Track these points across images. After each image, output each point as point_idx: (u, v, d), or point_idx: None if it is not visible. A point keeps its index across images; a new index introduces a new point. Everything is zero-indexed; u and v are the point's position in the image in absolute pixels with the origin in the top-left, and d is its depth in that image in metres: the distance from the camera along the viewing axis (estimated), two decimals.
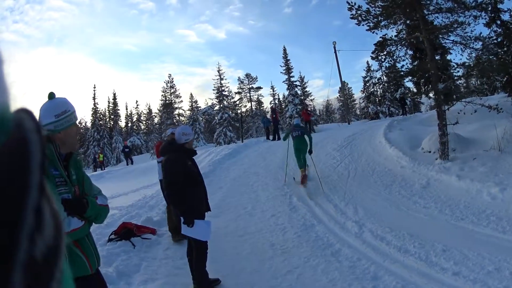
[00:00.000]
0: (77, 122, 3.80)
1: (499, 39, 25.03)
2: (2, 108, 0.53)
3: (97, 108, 62.75)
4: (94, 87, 62.60)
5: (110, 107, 65.37)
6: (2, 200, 0.49)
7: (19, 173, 0.51)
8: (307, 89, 61.42)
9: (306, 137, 15.42)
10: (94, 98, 61.88)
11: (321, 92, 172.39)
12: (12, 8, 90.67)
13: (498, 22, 25.59)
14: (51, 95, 3.70)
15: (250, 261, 8.54)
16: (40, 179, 0.53)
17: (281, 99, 65.49)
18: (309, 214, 11.46)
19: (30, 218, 0.50)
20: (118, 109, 66.18)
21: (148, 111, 70.55)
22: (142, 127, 69.10)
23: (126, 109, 70.59)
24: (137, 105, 74.57)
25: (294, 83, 51.87)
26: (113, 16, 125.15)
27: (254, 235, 10.23)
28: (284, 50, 53.71)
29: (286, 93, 51.37)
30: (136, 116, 69.76)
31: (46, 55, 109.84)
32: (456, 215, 10.08)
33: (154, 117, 69.43)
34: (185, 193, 6.80)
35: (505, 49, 25.07)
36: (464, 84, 37.81)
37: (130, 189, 17.80)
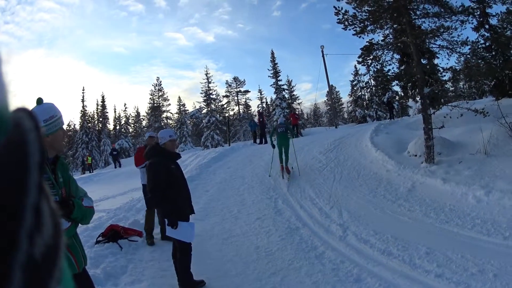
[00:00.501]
0: (63, 126, 3.84)
1: (487, 44, 25.23)
2: (0, 107, 0.52)
3: (86, 110, 62.47)
4: (83, 90, 61.87)
5: (99, 110, 64.95)
6: (1, 199, 0.49)
7: (17, 172, 0.51)
8: (294, 93, 61.30)
9: (289, 132, 16.73)
10: (83, 101, 61.56)
11: (309, 96, 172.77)
12: (4, 9, 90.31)
13: (487, 26, 25.78)
14: (39, 101, 3.74)
15: (234, 263, 8.54)
16: (39, 179, 0.54)
17: (268, 102, 65.62)
18: (294, 217, 11.49)
19: (29, 218, 0.50)
20: (107, 112, 65.78)
21: (136, 114, 70.42)
22: (130, 130, 68.70)
23: (115, 111, 70.10)
24: (126, 108, 73.76)
25: (282, 86, 51.71)
26: (103, 18, 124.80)
27: (239, 238, 10.26)
28: (272, 53, 53.53)
29: (274, 96, 51.37)
30: (125, 119, 69.36)
31: (37, 56, 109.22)
32: (440, 218, 10.12)
33: (142, 120, 69.27)
34: (168, 196, 6.86)
35: (493, 53, 25.27)
36: (452, 88, 37.99)
37: (118, 192, 17.75)
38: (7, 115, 0.53)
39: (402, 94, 23.76)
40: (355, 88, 53.26)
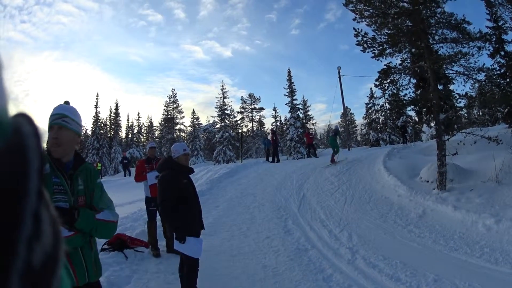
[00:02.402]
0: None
1: (502, 70, 25.14)
2: (0, 113, 0.52)
3: (99, 116, 62.17)
4: (97, 96, 61.92)
5: (112, 117, 64.84)
6: (0, 206, 0.48)
7: (17, 178, 0.51)
8: (309, 113, 61.45)
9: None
10: (96, 107, 61.33)
11: (323, 116, 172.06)
12: (21, 8, 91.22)
13: (502, 53, 25.71)
14: (67, 103, 3.77)
15: (241, 281, 8.51)
16: (39, 185, 0.53)
17: (282, 121, 65.59)
18: (303, 238, 11.41)
19: (28, 225, 0.50)
20: (120, 120, 65.55)
21: (149, 124, 70.34)
22: (142, 139, 68.60)
23: (128, 120, 69.86)
24: (139, 117, 73.64)
25: (297, 106, 51.52)
26: (121, 26, 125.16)
27: (247, 256, 10.19)
28: (289, 72, 53.35)
29: (288, 115, 51.14)
30: (137, 128, 69.40)
31: (52, 59, 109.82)
32: (450, 246, 10.05)
33: (155, 130, 69.29)
34: (178, 210, 6.84)
35: (508, 80, 25.15)
36: (466, 115, 37.88)
37: (126, 200, 17.77)
38: (6, 120, 0.53)
39: (417, 119, 23.70)
40: (369, 111, 53.22)
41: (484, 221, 10.92)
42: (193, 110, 76.93)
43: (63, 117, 3.58)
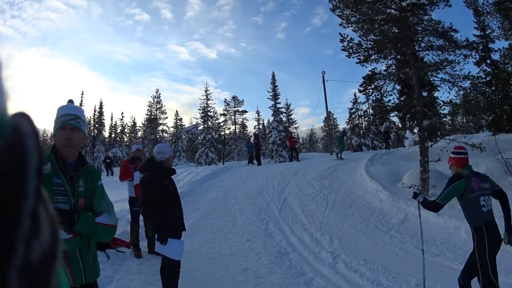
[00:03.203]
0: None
1: (487, 78, 25.43)
2: None
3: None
4: (82, 94, 61.63)
5: (96, 116, 64.53)
6: None
7: (15, 177, 0.50)
8: (292, 117, 61.63)
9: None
10: (80, 105, 60.76)
11: (306, 121, 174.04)
12: (12, 2, 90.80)
13: (488, 61, 26.02)
14: (70, 101, 3.78)
15: (222, 284, 8.48)
16: (37, 184, 0.53)
17: (265, 124, 65.85)
18: (284, 242, 11.41)
19: (26, 223, 0.49)
20: (104, 119, 65.22)
21: (132, 124, 70.40)
22: (125, 139, 68.44)
23: (111, 119, 69.70)
24: (123, 116, 73.59)
25: (280, 109, 51.95)
26: (108, 24, 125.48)
27: (228, 258, 10.15)
28: (273, 75, 53.78)
29: (271, 119, 51.13)
30: (121, 127, 69.37)
31: (39, 55, 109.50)
32: (432, 251, 10.19)
33: (138, 130, 69.20)
34: (160, 211, 6.81)
35: (493, 88, 25.46)
36: (450, 122, 38.27)
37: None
38: (6, 119, 0.53)
39: (400, 125, 23.86)
40: (353, 116, 53.49)
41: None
42: (176, 111, 76.58)
43: (77, 119, 3.63)
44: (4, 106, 0.52)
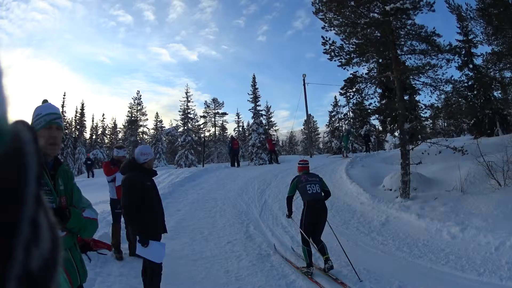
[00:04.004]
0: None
1: (469, 83, 25.72)
2: None
3: (65, 116, 61.48)
4: (64, 95, 61.44)
5: (77, 117, 64.50)
6: None
7: (15, 184, 0.50)
8: (272, 119, 61.71)
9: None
10: (63, 106, 60.73)
11: (286, 123, 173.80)
12: (0, 3, 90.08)
13: (471, 66, 26.30)
14: (45, 102, 3.74)
15: (203, 286, 8.48)
16: (37, 191, 0.52)
17: (245, 126, 65.86)
18: (265, 244, 11.45)
19: (26, 230, 0.49)
20: (85, 120, 65.34)
21: (113, 125, 70.14)
22: (106, 141, 68.37)
23: (93, 121, 69.44)
24: (104, 118, 73.48)
25: (260, 112, 51.88)
26: (92, 25, 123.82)
27: (209, 260, 10.14)
28: (254, 78, 53.72)
29: (251, 121, 51.20)
30: (101, 129, 69.20)
31: (24, 56, 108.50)
32: (414, 253, 10.23)
33: (118, 132, 68.98)
34: (141, 213, 6.77)
35: (475, 92, 25.76)
36: (431, 125, 38.69)
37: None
38: (6, 126, 0.52)
39: (381, 128, 23.94)
40: (333, 119, 53.68)
41: (449, 229, 11.11)
42: (157, 113, 76.36)
43: (60, 118, 3.65)
44: (4, 113, 0.51)
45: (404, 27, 16.27)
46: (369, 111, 19.83)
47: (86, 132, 66.81)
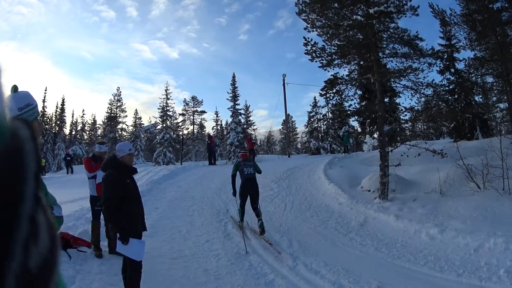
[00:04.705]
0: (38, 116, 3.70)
1: (451, 87, 25.99)
2: None
3: (45, 111, 61.32)
4: (46, 90, 60.87)
5: (58, 113, 64.04)
6: None
7: (14, 181, 0.50)
8: (250, 118, 61.91)
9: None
10: (44, 101, 60.33)
11: (264, 123, 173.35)
12: None
13: (452, 70, 26.57)
14: (14, 88, 3.59)
15: (183, 285, 8.46)
16: (35, 189, 0.53)
17: (223, 125, 65.96)
18: (243, 243, 11.37)
19: (25, 228, 0.49)
20: (65, 116, 64.97)
21: (93, 121, 69.95)
22: (85, 137, 68.02)
23: (73, 116, 69.00)
24: (84, 114, 73.35)
25: (239, 111, 51.85)
26: (76, 20, 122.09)
27: (187, 259, 10.11)
28: (233, 77, 53.58)
29: (230, 120, 51.23)
30: (81, 125, 69.00)
31: (9, 49, 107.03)
32: (392, 254, 10.28)
33: (98, 128, 68.73)
34: (122, 210, 6.75)
35: (456, 96, 26.06)
36: (410, 128, 39.07)
37: (68, 198, 16.99)
38: (4, 124, 0.54)
39: (360, 130, 24.03)
40: (312, 120, 53.75)
41: (427, 230, 11.20)
42: (136, 110, 76.24)
43: (36, 107, 3.50)
44: (2, 111, 0.53)
45: (387, 30, 16.38)
46: (348, 112, 19.89)
47: (66, 128, 66.39)
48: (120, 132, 61.75)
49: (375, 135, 19.71)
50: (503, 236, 9.86)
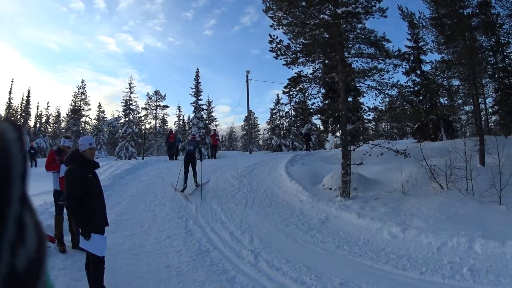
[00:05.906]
0: None
1: (416, 88, 26.35)
2: None
3: (11, 103, 60.69)
4: (12, 81, 59.77)
5: (23, 104, 63.22)
6: None
7: (0, 183, 0.51)
8: (213, 114, 61.67)
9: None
10: (10, 93, 59.67)
11: (226, 119, 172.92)
12: None
13: (418, 72, 26.94)
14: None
15: (145, 280, 8.41)
16: (22, 190, 0.54)
17: (186, 120, 65.64)
18: (205, 239, 11.40)
19: (11, 230, 0.50)
20: (30, 108, 64.10)
21: (57, 114, 68.63)
22: (49, 129, 66.87)
23: (37, 109, 68.02)
24: (48, 106, 72.19)
25: (201, 106, 52.03)
26: (44, 9, 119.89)
27: (150, 255, 10.05)
28: (197, 72, 53.83)
29: (192, 115, 51.13)
30: (45, 118, 67.71)
31: None
32: (354, 251, 10.38)
33: (61, 121, 67.74)
34: (84, 205, 6.71)
35: (421, 97, 26.42)
36: (373, 127, 39.60)
37: (31, 192, 16.59)
38: None
39: (322, 128, 24.16)
40: (274, 117, 53.88)
41: (389, 229, 11.37)
42: (99, 103, 75.34)
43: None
44: None
45: (354, 30, 16.50)
46: (311, 110, 19.92)
47: (30, 120, 65.33)
48: (84, 126, 61.06)
49: (338, 134, 19.85)
50: (466, 235, 10.09)
